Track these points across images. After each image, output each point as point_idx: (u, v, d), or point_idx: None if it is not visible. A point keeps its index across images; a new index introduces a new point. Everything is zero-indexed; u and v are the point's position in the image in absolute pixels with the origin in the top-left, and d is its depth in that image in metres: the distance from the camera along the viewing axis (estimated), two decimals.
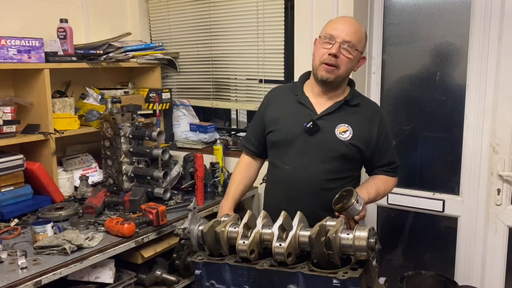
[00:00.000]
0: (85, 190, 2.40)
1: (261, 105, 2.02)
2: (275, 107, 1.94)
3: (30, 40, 2.30)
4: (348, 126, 1.82)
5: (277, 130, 1.88)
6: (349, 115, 1.84)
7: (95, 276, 1.91)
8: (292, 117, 1.86)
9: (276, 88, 2.09)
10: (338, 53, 1.74)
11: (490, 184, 2.35)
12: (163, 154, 2.33)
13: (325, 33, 1.78)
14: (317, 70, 1.80)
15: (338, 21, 1.83)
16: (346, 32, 1.75)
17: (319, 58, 1.78)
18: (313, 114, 1.83)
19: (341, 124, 1.82)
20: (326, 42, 1.76)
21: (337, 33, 1.75)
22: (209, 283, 1.55)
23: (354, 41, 1.76)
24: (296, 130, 1.83)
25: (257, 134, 2.01)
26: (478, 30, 2.27)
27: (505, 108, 2.26)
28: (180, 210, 2.26)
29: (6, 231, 2.02)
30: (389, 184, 1.94)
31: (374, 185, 1.87)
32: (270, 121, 1.92)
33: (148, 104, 2.95)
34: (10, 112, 2.26)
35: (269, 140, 1.93)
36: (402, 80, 2.60)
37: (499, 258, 2.37)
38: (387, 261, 2.79)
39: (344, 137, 1.81)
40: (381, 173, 1.93)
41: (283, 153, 1.87)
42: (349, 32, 1.76)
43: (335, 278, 1.33)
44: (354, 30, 1.77)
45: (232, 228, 1.54)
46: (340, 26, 1.77)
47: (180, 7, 3.13)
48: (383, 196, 1.95)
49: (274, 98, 1.98)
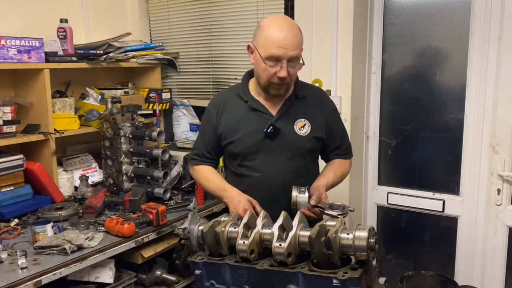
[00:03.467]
0: (85, 190, 2.41)
1: (209, 116, 1.92)
2: (228, 116, 1.87)
3: (30, 40, 2.30)
4: (305, 120, 1.84)
5: (238, 140, 1.83)
6: (302, 109, 1.86)
7: (95, 276, 1.91)
8: (249, 125, 1.82)
9: (221, 94, 2.02)
10: (287, 74, 1.69)
11: (490, 184, 2.35)
12: (163, 154, 2.33)
13: (269, 55, 1.67)
14: (267, 86, 1.76)
15: (277, 36, 1.66)
16: (290, 48, 1.66)
17: (268, 78, 1.72)
18: (269, 117, 1.82)
19: (298, 119, 1.84)
20: (272, 64, 1.68)
21: (282, 53, 1.66)
22: (209, 283, 1.55)
23: (298, 52, 1.71)
24: (257, 137, 1.81)
25: (211, 145, 1.92)
26: (478, 30, 2.27)
27: (505, 108, 2.26)
28: (180, 210, 2.26)
29: (6, 231, 2.02)
30: (345, 166, 1.98)
31: (331, 170, 1.91)
32: (227, 132, 1.86)
33: (148, 104, 2.95)
34: (10, 112, 2.25)
35: (230, 152, 1.87)
36: (402, 80, 2.60)
37: (499, 258, 2.37)
38: (387, 261, 2.79)
39: (303, 132, 1.83)
40: (335, 157, 1.97)
41: (249, 162, 1.84)
42: (293, 47, 1.67)
43: (335, 278, 1.33)
44: (296, 41, 1.69)
45: (232, 228, 1.54)
46: (281, 42, 1.65)
47: (180, 7, 3.13)
48: (342, 178, 1.97)
49: (223, 106, 1.89)
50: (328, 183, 1.85)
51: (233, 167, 1.91)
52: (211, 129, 1.91)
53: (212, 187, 1.91)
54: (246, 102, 1.85)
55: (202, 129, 1.99)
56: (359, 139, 2.62)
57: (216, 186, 1.89)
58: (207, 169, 1.95)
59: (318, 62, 2.51)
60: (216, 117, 1.89)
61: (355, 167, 2.58)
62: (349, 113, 2.49)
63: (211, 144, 1.93)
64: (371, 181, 2.72)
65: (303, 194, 1.73)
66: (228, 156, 1.92)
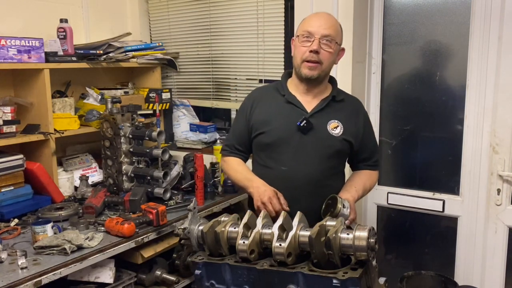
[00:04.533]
0: (85, 190, 2.41)
1: (244, 108, 1.96)
2: (262, 109, 1.90)
3: (30, 40, 2.30)
4: (338, 122, 1.85)
5: (269, 131, 1.85)
6: (337, 111, 1.87)
7: (95, 276, 1.91)
8: (283, 117, 1.85)
9: (258, 89, 2.07)
10: (319, 48, 1.75)
11: (490, 184, 2.35)
12: (163, 154, 2.33)
13: (303, 31, 1.78)
14: (300, 68, 1.81)
15: (313, 17, 1.83)
16: (323, 27, 1.76)
17: (300, 57, 1.79)
18: (304, 112, 1.84)
19: (332, 120, 1.85)
20: (305, 40, 1.77)
21: (315, 29, 1.76)
22: (209, 283, 1.55)
23: (332, 34, 1.78)
24: (289, 130, 1.82)
25: (242, 138, 1.95)
26: (478, 30, 2.27)
27: (505, 108, 2.26)
28: (180, 210, 2.26)
29: (6, 231, 2.02)
30: (373, 179, 2.00)
31: (361, 182, 1.92)
32: (259, 123, 1.88)
33: (148, 104, 2.95)
34: (10, 112, 2.26)
35: (260, 142, 1.89)
36: (402, 80, 2.60)
37: (499, 258, 2.37)
38: (387, 261, 2.79)
39: (336, 132, 1.84)
40: (364, 167, 1.98)
41: (278, 154, 1.85)
42: (326, 27, 1.77)
43: (335, 278, 1.33)
44: (330, 24, 1.79)
45: (232, 228, 1.54)
46: (317, 22, 1.78)
47: (180, 7, 3.13)
48: (369, 191, 2.00)
49: (259, 99, 1.94)
50: (359, 196, 1.87)
51: (261, 159, 1.91)
52: (244, 121, 1.93)
53: (239, 177, 1.91)
54: (283, 96, 1.88)
55: (235, 121, 2.03)
56: None
57: (243, 177, 1.89)
58: (236, 161, 1.97)
59: None
60: (250, 110, 1.92)
61: None
62: None
63: (242, 137, 1.95)
64: None
65: (345, 209, 1.72)
66: (257, 148, 1.92)
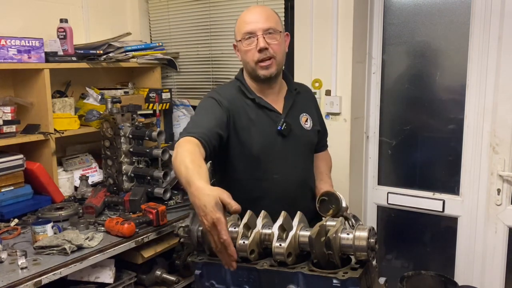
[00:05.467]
0: (85, 190, 2.41)
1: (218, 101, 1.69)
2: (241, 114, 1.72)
3: (30, 40, 2.30)
4: (306, 114, 1.84)
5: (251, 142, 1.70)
6: (301, 104, 1.85)
7: (95, 276, 1.91)
8: (260, 124, 1.73)
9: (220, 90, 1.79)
10: (266, 44, 1.65)
11: (490, 184, 2.35)
12: (163, 154, 2.33)
13: (243, 34, 1.69)
14: (256, 71, 1.70)
15: (247, 16, 1.71)
16: (261, 22, 1.67)
17: (252, 59, 1.69)
18: (277, 114, 1.77)
19: (301, 114, 1.83)
20: (248, 41, 1.68)
21: (253, 27, 1.67)
22: (209, 283, 1.55)
23: (273, 25, 1.69)
24: (270, 136, 1.73)
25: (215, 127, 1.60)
26: (478, 30, 2.27)
27: (505, 108, 2.26)
28: (180, 210, 2.26)
29: (6, 231, 2.02)
30: (329, 158, 2.02)
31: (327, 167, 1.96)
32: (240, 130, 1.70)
33: (148, 104, 2.95)
34: (10, 112, 2.25)
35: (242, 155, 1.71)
36: (402, 80, 2.60)
37: (499, 258, 2.37)
38: (387, 261, 2.79)
39: (307, 126, 1.84)
40: (321, 149, 1.99)
41: (265, 164, 1.73)
42: (263, 20, 1.68)
43: (335, 278, 1.33)
44: (266, 16, 1.69)
45: (232, 228, 1.54)
46: (252, 19, 1.68)
47: (180, 7, 3.13)
48: None
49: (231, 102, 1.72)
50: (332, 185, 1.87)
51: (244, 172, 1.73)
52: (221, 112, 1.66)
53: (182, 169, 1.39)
54: (251, 100, 1.76)
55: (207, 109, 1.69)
56: (359, 139, 2.61)
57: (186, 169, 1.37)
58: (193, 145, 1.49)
59: (318, 62, 2.51)
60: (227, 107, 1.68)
61: (355, 167, 2.59)
62: (349, 113, 2.49)
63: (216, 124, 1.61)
64: (371, 181, 2.72)
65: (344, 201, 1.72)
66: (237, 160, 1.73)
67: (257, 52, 1.67)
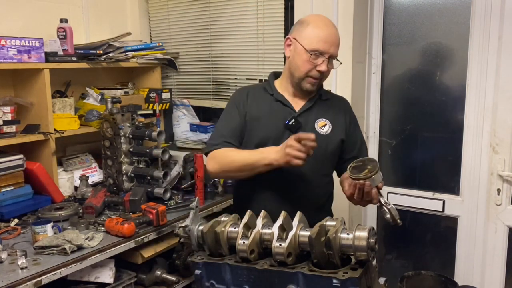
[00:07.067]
0: (85, 190, 2.41)
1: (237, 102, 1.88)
2: (255, 106, 1.86)
3: (30, 40, 2.30)
4: (326, 120, 1.85)
5: (259, 128, 1.82)
6: (324, 110, 1.87)
7: (95, 276, 1.91)
8: (271, 115, 1.83)
9: (246, 87, 1.98)
10: (327, 70, 1.76)
11: (490, 184, 2.35)
12: (163, 154, 2.33)
13: (313, 48, 1.73)
14: (302, 81, 1.79)
15: (324, 32, 1.75)
16: (333, 46, 1.75)
17: (306, 71, 1.76)
18: (292, 111, 1.84)
19: (319, 119, 1.85)
20: (314, 56, 1.73)
21: (327, 49, 1.73)
22: (209, 283, 1.55)
23: (337, 52, 1.78)
24: (277, 128, 1.80)
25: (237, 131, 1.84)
26: (478, 30, 2.27)
27: (505, 108, 2.26)
28: (180, 210, 2.27)
29: (6, 231, 2.02)
30: None
31: None
32: (252, 120, 1.84)
33: (148, 104, 2.95)
34: (10, 112, 2.25)
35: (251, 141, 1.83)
36: (402, 80, 2.60)
37: (499, 258, 2.37)
38: (387, 261, 2.79)
39: (324, 131, 1.84)
40: None
41: None
42: (335, 45, 1.76)
43: (335, 278, 1.33)
44: (338, 40, 1.77)
45: (232, 228, 1.54)
46: (328, 39, 1.73)
47: (180, 7, 3.13)
48: None
49: (250, 94, 1.89)
50: None
51: None
52: (238, 114, 1.84)
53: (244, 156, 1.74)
54: (271, 95, 1.86)
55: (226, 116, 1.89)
56: None
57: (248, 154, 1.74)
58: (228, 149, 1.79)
59: None
60: (246, 103, 1.86)
61: None
62: None
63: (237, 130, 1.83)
64: None
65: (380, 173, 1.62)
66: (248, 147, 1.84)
67: (316, 70, 1.75)
